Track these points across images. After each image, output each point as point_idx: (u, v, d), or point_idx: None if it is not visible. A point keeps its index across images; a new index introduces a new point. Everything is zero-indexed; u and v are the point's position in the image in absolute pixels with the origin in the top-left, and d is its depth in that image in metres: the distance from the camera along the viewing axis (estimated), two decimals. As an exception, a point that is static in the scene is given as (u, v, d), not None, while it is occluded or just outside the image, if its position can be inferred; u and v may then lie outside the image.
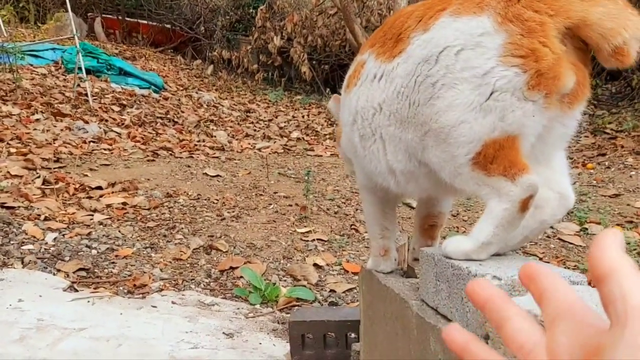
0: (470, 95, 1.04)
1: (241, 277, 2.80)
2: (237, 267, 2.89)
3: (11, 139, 4.69)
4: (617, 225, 3.52)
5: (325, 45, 9.82)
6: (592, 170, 5.09)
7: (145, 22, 12.03)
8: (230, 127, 7.08)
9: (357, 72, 1.28)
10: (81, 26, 10.82)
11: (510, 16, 1.02)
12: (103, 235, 3.14)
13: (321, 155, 5.86)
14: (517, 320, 0.42)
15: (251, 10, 11.00)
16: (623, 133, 6.33)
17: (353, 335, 1.89)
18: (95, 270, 2.77)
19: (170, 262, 2.93)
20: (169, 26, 12.07)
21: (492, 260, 1.12)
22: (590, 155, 5.77)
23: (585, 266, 2.95)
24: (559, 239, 3.34)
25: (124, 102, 7.00)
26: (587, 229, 3.45)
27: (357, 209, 3.89)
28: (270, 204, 3.92)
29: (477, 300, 0.45)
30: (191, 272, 2.86)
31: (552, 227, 3.49)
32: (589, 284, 1.03)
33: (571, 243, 3.27)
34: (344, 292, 2.74)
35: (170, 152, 5.31)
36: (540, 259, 2.96)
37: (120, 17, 12.06)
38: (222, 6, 11.75)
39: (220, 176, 4.54)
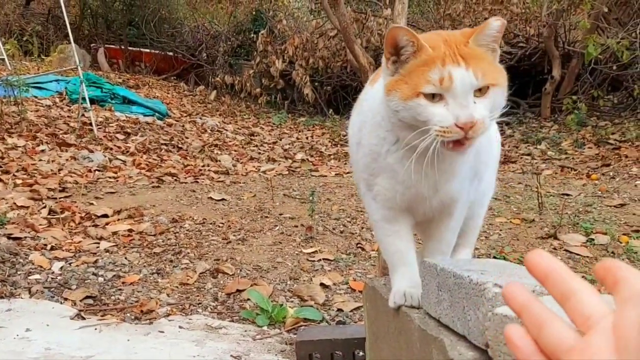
0: None
1: (248, 299, 2.79)
2: (243, 290, 2.88)
3: (17, 171, 4.73)
4: (624, 235, 3.50)
5: (327, 67, 9.90)
6: (596, 181, 5.09)
7: (147, 50, 12.17)
8: (235, 151, 7.12)
9: None
10: (84, 57, 10.94)
11: None
12: (109, 263, 3.15)
13: (326, 176, 5.87)
14: (586, 293, 0.43)
15: (252, 35, 11.10)
16: (627, 143, 6.33)
17: (361, 353, 1.88)
18: (102, 298, 2.77)
19: (177, 287, 2.93)
20: (171, 54, 12.20)
21: (494, 268, 1.12)
22: (594, 166, 5.76)
23: (592, 277, 2.93)
24: (566, 250, 3.33)
25: (129, 130, 7.05)
26: (593, 239, 3.44)
27: (362, 228, 3.89)
28: (276, 226, 3.93)
29: (538, 271, 0.45)
30: (198, 296, 2.86)
31: (558, 239, 3.48)
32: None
33: (578, 254, 3.26)
34: (351, 310, 2.73)
35: (175, 178, 5.33)
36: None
37: (123, 47, 12.20)
38: (223, 32, 11.88)
39: (226, 200, 4.55)
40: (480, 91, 1.13)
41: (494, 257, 3.22)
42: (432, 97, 1.12)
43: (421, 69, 1.13)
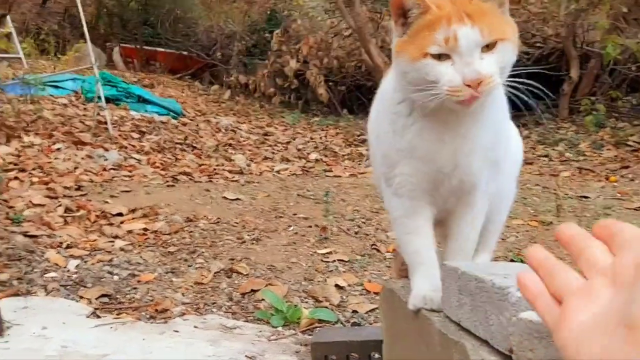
0: None
1: (262, 299, 2.78)
2: (258, 290, 2.88)
3: (33, 169, 4.75)
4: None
5: (341, 67, 9.87)
6: (615, 183, 5.03)
7: (162, 50, 12.21)
8: (249, 150, 7.12)
9: None
10: (100, 56, 10.99)
11: None
12: (124, 261, 3.15)
13: (340, 176, 5.85)
14: (596, 247, 0.50)
15: (267, 35, 11.10)
16: (646, 145, 6.25)
17: (377, 355, 1.86)
18: (118, 296, 2.78)
19: (192, 286, 2.93)
20: (186, 53, 12.23)
21: (517, 272, 1.10)
22: (613, 168, 5.69)
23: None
24: (584, 253, 3.28)
25: (143, 129, 7.07)
26: (612, 242, 3.39)
27: (377, 229, 3.86)
28: (290, 226, 3.91)
29: (564, 238, 0.53)
30: (212, 295, 2.85)
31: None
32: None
33: (597, 257, 3.21)
34: (366, 312, 2.71)
35: (189, 177, 5.34)
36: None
37: (138, 46, 12.26)
38: (237, 32, 11.88)
39: (240, 199, 4.54)
40: (488, 47, 1.13)
41: (512, 260, 3.18)
42: (439, 56, 1.12)
43: (427, 29, 1.14)
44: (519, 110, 1.49)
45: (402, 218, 1.39)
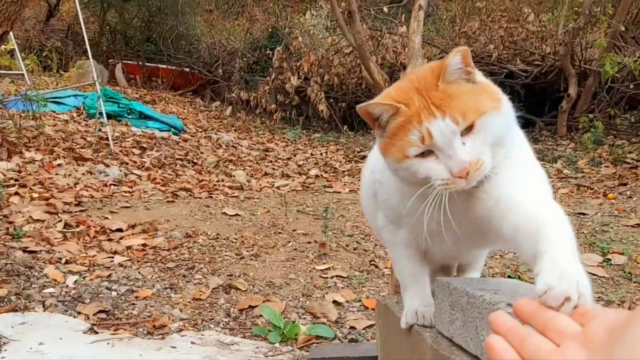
0: None
1: (260, 315, 2.78)
2: (256, 306, 2.88)
3: (34, 185, 4.77)
4: (641, 255, 3.46)
5: (342, 84, 9.93)
6: (613, 200, 5.03)
7: (164, 66, 12.31)
8: (249, 166, 7.14)
9: None
10: (102, 72, 11.08)
11: None
12: (123, 277, 3.16)
13: (340, 192, 5.87)
14: (561, 317, 0.54)
15: (268, 52, 11.19)
16: (644, 162, 6.27)
17: (372, 371, 1.87)
18: (115, 312, 2.78)
19: (190, 302, 2.93)
20: (187, 70, 12.33)
21: (507, 288, 1.11)
22: (611, 185, 5.71)
23: (609, 297, 2.89)
24: (582, 270, 3.28)
25: (144, 145, 7.11)
26: (610, 259, 3.40)
27: (376, 245, 3.87)
28: (289, 242, 3.92)
29: (525, 312, 0.57)
30: (210, 311, 2.85)
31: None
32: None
33: (594, 274, 3.21)
34: (364, 328, 2.71)
35: (189, 193, 5.36)
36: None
37: (140, 63, 12.35)
38: (239, 49, 11.98)
39: (239, 215, 4.56)
40: (467, 129, 1.06)
41: (509, 276, 3.19)
42: (423, 154, 1.07)
43: (402, 130, 1.09)
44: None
45: (401, 245, 1.37)
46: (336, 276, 3.33)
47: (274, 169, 7.17)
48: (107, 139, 6.57)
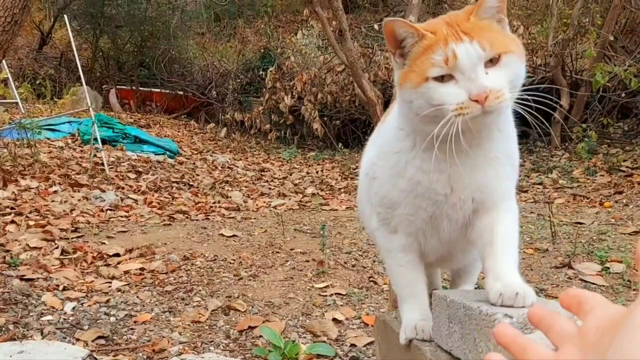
0: None
1: (260, 336, 2.77)
2: (255, 327, 2.86)
3: (30, 212, 4.76)
4: None
5: (335, 101, 9.97)
6: (610, 209, 5.04)
7: (158, 90, 12.35)
8: (245, 187, 7.14)
9: None
10: (96, 98, 11.12)
11: None
12: (121, 302, 3.14)
13: (336, 209, 5.87)
14: (563, 320, 0.55)
15: (261, 72, 11.25)
16: (639, 170, 6.29)
17: (374, 388, 1.86)
18: (114, 338, 2.76)
19: (189, 325, 2.92)
20: (181, 93, 12.37)
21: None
22: (607, 194, 5.72)
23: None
24: (581, 279, 3.29)
25: (140, 169, 7.11)
26: (608, 268, 3.39)
27: (374, 261, 3.87)
28: (287, 261, 3.91)
29: (535, 318, 0.58)
30: (210, 334, 2.84)
31: (572, 268, 3.44)
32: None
33: (593, 283, 3.21)
34: (364, 345, 2.70)
35: (186, 215, 5.35)
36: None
37: (134, 87, 12.39)
38: (232, 70, 12.04)
39: (237, 236, 4.55)
40: (492, 61, 1.09)
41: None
42: (442, 78, 1.09)
43: (425, 53, 1.11)
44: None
45: (396, 252, 1.38)
46: (335, 294, 3.32)
47: (270, 188, 7.17)
48: (102, 164, 6.57)
